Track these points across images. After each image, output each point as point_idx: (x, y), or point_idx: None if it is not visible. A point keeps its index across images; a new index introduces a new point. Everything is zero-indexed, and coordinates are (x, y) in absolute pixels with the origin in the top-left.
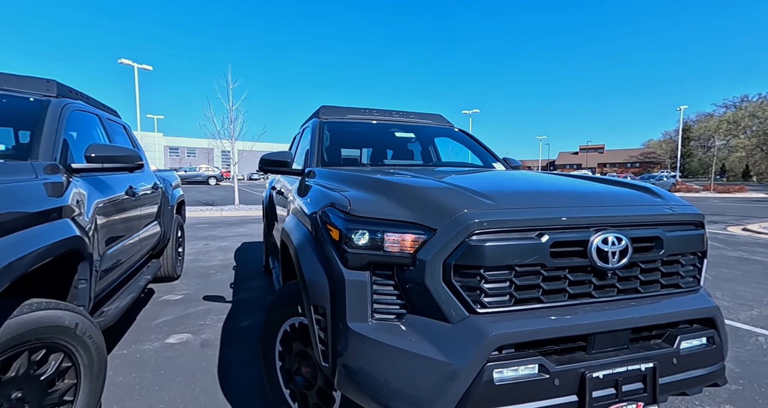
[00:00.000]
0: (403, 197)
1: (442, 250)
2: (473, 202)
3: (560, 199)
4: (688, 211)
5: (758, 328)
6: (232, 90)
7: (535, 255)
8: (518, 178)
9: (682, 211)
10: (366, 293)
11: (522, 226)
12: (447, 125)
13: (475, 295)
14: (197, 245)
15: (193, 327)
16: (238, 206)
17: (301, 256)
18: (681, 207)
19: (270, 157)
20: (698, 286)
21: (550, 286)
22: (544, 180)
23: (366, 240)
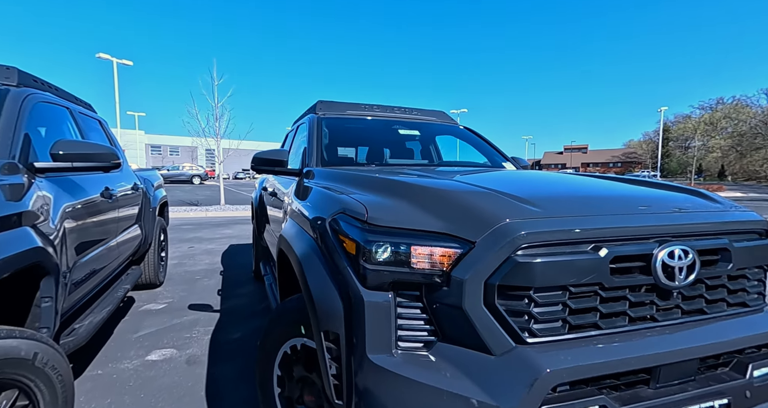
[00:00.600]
0: (430, 203)
1: (482, 268)
2: (517, 210)
3: (612, 205)
4: (752, 218)
5: None
6: (217, 86)
7: (593, 273)
8: (553, 181)
9: (746, 218)
10: (390, 318)
11: (577, 237)
12: (451, 122)
13: (523, 322)
14: (181, 248)
15: (177, 341)
16: (224, 206)
17: (307, 271)
18: (743, 213)
19: (264, 155)
20: (765, 303)
21: (609, 309)
22: (581, 182)
23: (389, 254)
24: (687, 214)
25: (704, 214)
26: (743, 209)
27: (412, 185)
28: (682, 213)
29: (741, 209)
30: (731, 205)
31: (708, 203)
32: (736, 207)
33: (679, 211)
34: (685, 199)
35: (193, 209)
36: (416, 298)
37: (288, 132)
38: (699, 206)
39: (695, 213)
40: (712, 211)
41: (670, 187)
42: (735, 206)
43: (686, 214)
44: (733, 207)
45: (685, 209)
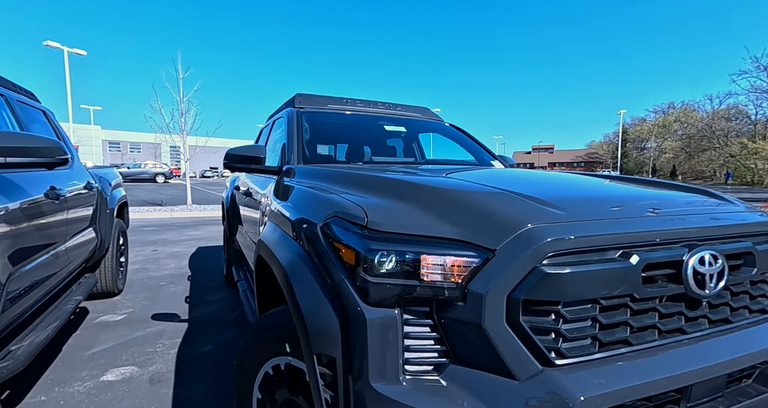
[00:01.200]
0: (440, 206)
1: (504, 280)
2: (539, 213)
3: (633, 207)
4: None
5: None
6: (182, 79)
7: (626, 282)
8: (563, 180)
9: (764, 219)
10: (397, 339)
11: (606, 243)
12: (436, 119)
13: (550, 341)
14: (144, 252)
15: (139, 356)
16: (191, 206)
17: (295, 283)
18: (763, 215)
19: (238, 151)
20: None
21: (639, 323)
22: (591, 182)
23: (394, 265)
24: (711, 216)
25: (728, 216)
26: (760, 210)
27: (418, 185)
28: (707, 215)
29: (758, 210)
30: (747, 205)
31: (725, 204)
32: (752, 208)
33: (704, 214)
34: (701, 200)
35: (156, 209)
36: (425, 314)
37: (262, 128)
38: (719, 208)
39: (719, 215)
40: (733, 212)
41: (679, 186)
42: (750, 207)
43: (710, 216)
44: (749, 208)
45: (707, 211)
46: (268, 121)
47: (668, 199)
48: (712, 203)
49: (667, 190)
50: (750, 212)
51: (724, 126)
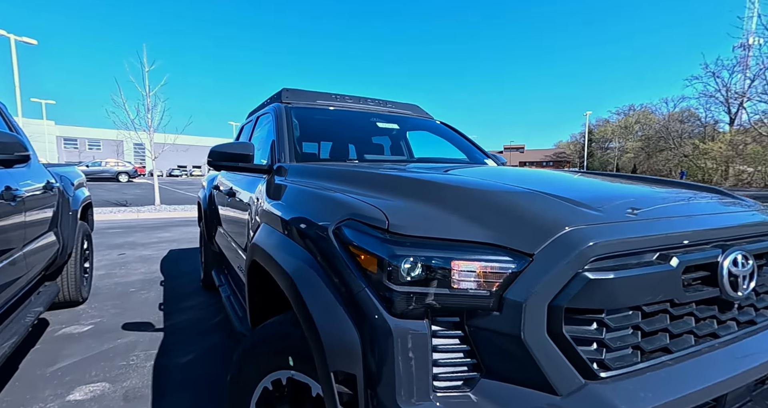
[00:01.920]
0: (467, 207)
1: (545, 288)
2: (576, 214)
3: (663, 208)
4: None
5: None
6: (148, 73)
7: (668, 287)
8: (576, 179)
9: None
10: (426, 353)
11: (647, 246)
12: (426, 116)
13: (593, 352)
14: (110, 255)
15: (110, 371)
16: (159, 206)
17: (306, 293)
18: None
19: (225, 149)
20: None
21: (678, 329)
22: (607, 182)
23: (421, 272)
24: (736, 214)
25: (750, 214)
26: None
27: (440, 184)
28: (732, 214)
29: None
30: (756, 203)
31: (741, 202)
32: (762, 205)
33: (729, 213)
34: (720, 198)
35: (121, 210)
36: (455, 325)
37: (243, 125)
38: (738, 206)
39: (741, 213)
40: (753, 210)
41: (690, 185)
42: (760, 204)
43: (736, 214)
44: (760, 205)
45: (730, 210)
46: (250, 118)
47: (692, 199)
48: (730, 202)
49: (682, 188)
50: (764, 211)
51: (679, 128)
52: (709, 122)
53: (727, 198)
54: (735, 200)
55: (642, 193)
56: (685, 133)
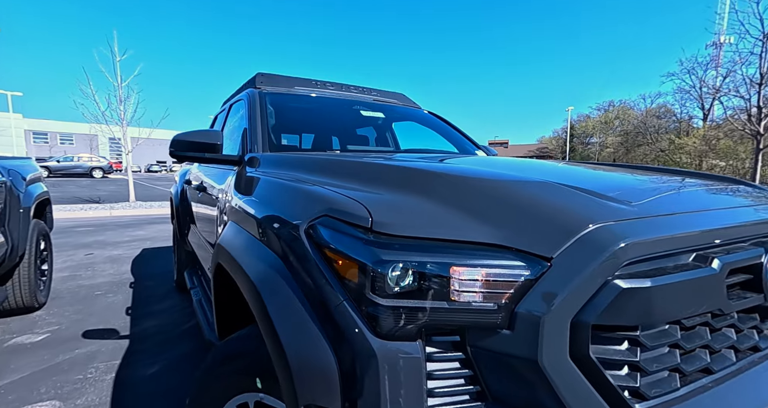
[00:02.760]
0: (469, 200)
1: (567, 300)
2: (602, 208)
3: (694, 200)
4: None
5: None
6: (119, 62)
7: (713, 295)
8: (583, 169)
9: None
10: (420, 381)
11: (685, 246)
12: (414, 106)
13: (626, 378)
14: (76, 256)
15: (64, 386)
16: (135, 203)
17: (272, 307)
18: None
19: (188, 137)
20: None
21: (720, 344)
22: (618, 172)
23: (413, 281)
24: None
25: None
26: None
27: (434, 174)
28: (766, 206)
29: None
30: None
31: (764, 192)
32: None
33: (761, 204)
34: (747, 190)
35: (93, 207)
36: (455, 346)
37: (216, 114)
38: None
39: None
40: None
41: (707, 175)
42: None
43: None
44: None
45: (761, 202)
46: (224, 106)
47: (720, 190)
48: (759, 193)
49: (701, 179)
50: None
51: (656, 123)
52: (684, 118)
53: (754, 189)
54: (756, 189)
55: (665, 184)
56: (661, 129)
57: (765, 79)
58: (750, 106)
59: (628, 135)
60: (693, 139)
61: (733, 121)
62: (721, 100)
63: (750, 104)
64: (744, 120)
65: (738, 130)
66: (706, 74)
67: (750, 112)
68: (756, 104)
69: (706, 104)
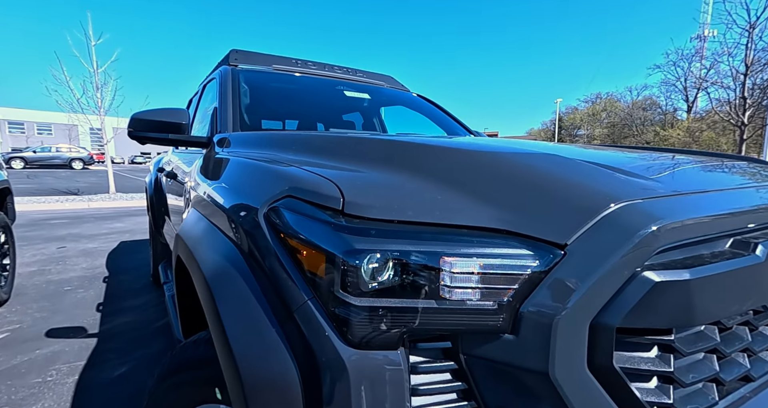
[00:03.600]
0: (465, 176)
1: (586, 297)
2: (625, 184)
3: (721, 178)
4: None
5: None
6: (95, 47)
7: (758, 288)
8: (592, 149)
9: None
10: (400, 398)
11: (722, 229)
12: (402, 89)
13: (656, 392)
14: (46, 249)
15: (18, 391)
16: (115, 195)
17: (223, 307)
18: None
19: (150, 116)
20: None
21: (760, 347)
22: (628, 151)
23: (393, 275)
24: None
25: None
26: None
27: (423, 146)
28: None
29: None
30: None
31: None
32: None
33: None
34: (762, 166)
35: (70, 199)
36: (446, 354)
37: (192, 96)
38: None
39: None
40: None
41: (722, 155)
42: None
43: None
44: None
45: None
46: (199, 87)
47: (732, 166)
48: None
49: (717, 158)
50: None
51: (641, 115)
52: (669, 110)
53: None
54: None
55: (680, 160)
56: (647, 121)
57: (750, 70)
58: (736, 96)
59: (614, 127)
60: (677, 131)
61: (717, 112)
62: (708, 91)
63: (736, 94)
64: (728, 111)
65: (720, 122)
66: (691, 66)
67: (735, 103)
68: (741, 95)
69: (691, 96)
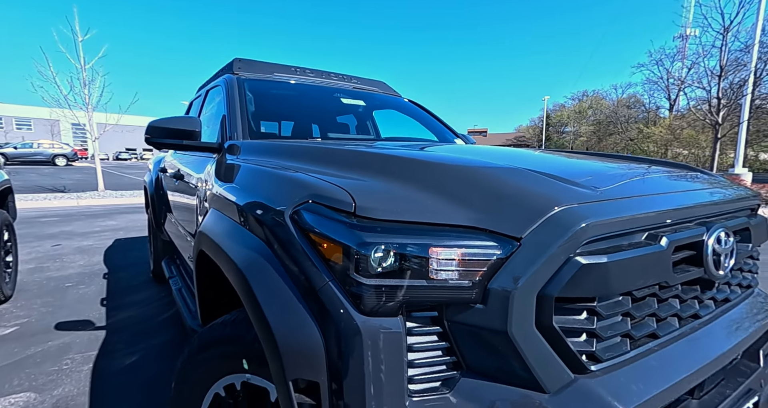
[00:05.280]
0: (445, 186)
1: (535, 275)
2: (565, 192)
3: (647, 184)
4: (752, 193)
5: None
6: (82, 42)
7: (660, 269)
8: (551, 157)
9: (751, 193)
10: (401, 354)
11: (640, 225)
12: (394, 94)
13: (584, 344)
14: (41, 247)
15: (38, 378)
16: (104, 192)
17: (258, 290)
18: (748, 189)
19: (166, 124)
20: (757, 282)
21: (665, 313)
22: (579, 158)
23: (394, 261)
24: (716, 190)
25: (728, 190)
26: (740, 185)
27: (413, 161)
28: (710, 190)
29: (740, 186)
30: (727, 180)
31: (715, 178)
32: (733, 183)
33: (708, 189)
34: (696, 174)
35: (58, 197)
36: (433, 321)
37: (191, 101)
38: (715, 182)
39: (722, 189)
40: (730, 186)
41: (662, 162)
42: (731, 182)
43: (715, 190)
44: (730, 182)
45: (707, 187)
46: (199, 92)
47: (670, 175)
48: (705, 178)
49: (656, 165)
50: (740, 187)
51: (626, 113)
52: (652, 108)
53: (698, 173)
54: (706, 175)
55: (622, 169)
56: (631, 119)
57: (724, 72)
58: (710, 97)
59: (600, 124)
60: (659, 129)
61: (695, 112)
62: (686, 92)
63: (711, 95)
64: (705, 110)
65: (700, 121)
66: (673, 66)
67: (711, 103)
68: (716, 95)
69: (672, 95)
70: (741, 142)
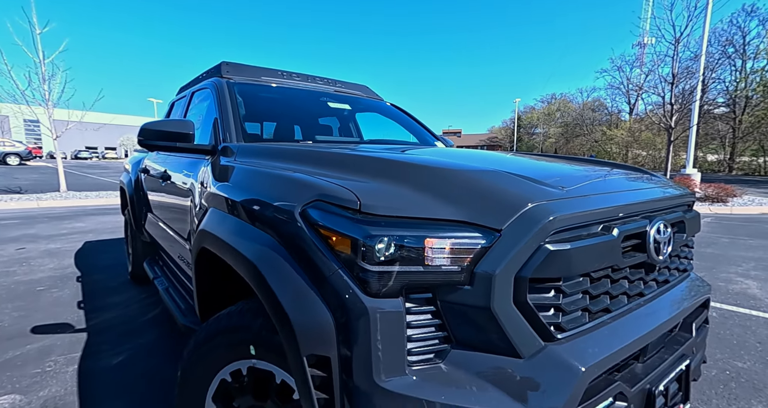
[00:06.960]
0: (437, 186)
1: (513, 260)
2: (537, 191)
3: (604, 183)
4: (687, 192)
5: None
6: (40, 36)
7: (611, 255)
8: (524, 159)
9: (686, 192)
10: (402, 330)
11: (596, 218)
12: (377, 98)
13: (552, 317)
14: (4, 251)
15: (21, 381)
16: (66, 193)
17: (272, 279)
18: (681, 188)
19: (160, 127)
20: (692, 266)
21: (616, 291)
22: (547, 161)
23: (396, 251)
24: (657, 189)
25: (668, 190)
26: (678, 185)
27: (408, 164)
28: (654, 189)
29: (678, 185)
30: (667, 179)
31: (657, 178)
32: (672, 182)
33: (652, 188)
34: (641, 175)
35: (15, 198)
36: (428, 301)
37: (173, 101)
38: (657, 181)
39: (660, 188)
40: (670, 186)
41: (617, 165)
42: (671, 182)
43: (657, 189)
44: (671, 182)
45: (651, 186)
46: (183, 93)
47: (622, 176)
48: (649, 178)
49: (612, 167)
50: (677, 186)
51: (591, 116)
52: (614, 111)
53: (646, 175)
54: (653, 177)
55: (584, 171)
56: (596, 121)
57: (676, 79)
58: (665, 102)
59: (567, 126)
60: (621, 131)
61: (652, 116)
62: (643, 97)
63: (665, 101)
64: (660, 115)
65: (656, 124)
66: (632, 72)
67: (665, 108)
68: (669, 101)
69: (632, 100)
70: (691, 144)
